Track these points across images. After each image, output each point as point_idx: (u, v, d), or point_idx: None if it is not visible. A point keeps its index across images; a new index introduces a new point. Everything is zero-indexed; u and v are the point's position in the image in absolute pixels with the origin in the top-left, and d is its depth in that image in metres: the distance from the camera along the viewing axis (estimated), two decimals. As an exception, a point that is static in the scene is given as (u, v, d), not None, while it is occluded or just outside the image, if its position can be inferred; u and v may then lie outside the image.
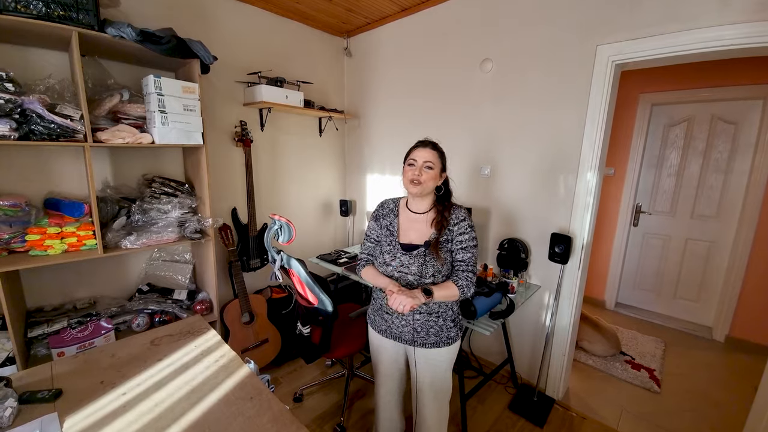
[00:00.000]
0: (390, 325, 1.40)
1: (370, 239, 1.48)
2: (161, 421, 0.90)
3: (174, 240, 1.84)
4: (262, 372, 1.23)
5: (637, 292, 3.39)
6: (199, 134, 1.83)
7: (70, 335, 1.65)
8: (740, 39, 1.43)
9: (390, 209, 1.44)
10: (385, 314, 1.41)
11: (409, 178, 1.30)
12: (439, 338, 1.34)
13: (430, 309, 1.33)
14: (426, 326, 1.33)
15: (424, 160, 1.28)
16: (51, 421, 0.92)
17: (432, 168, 1.28)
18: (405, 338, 1.37)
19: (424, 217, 1.36)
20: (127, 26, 1.49)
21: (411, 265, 1.29)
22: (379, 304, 1.45)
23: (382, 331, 1.44)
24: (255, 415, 0.93)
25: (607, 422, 1.98)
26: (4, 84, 1.37)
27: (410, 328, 1.35)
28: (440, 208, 1.33)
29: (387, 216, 1.43)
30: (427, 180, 1.28)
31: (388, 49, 2.72)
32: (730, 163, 2.82)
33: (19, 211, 1.59)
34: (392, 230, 1.38)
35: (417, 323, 1.34)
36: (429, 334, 1.34)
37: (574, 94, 1.86)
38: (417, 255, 1.29)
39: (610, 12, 1.70)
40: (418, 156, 1.30)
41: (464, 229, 1.30)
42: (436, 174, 1.30)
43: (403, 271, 1.31)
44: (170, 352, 1.21)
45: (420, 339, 1.35)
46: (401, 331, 1.37)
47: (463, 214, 1.33)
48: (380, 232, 1.43)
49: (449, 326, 1.36)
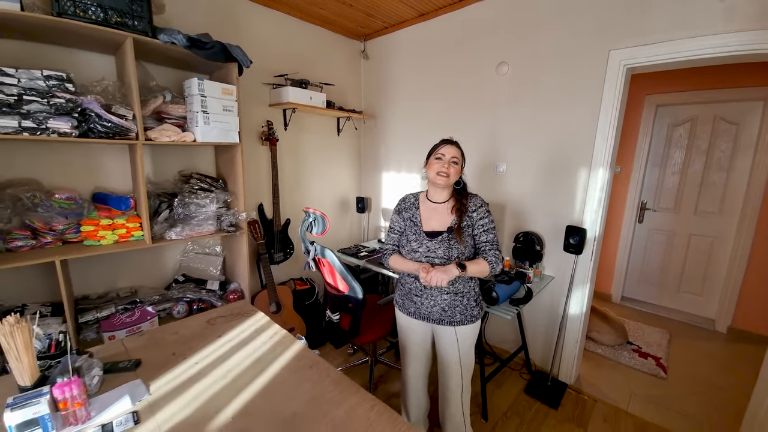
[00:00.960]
0: (419, 306, 1.52)
1: (395, 231, 1.62)
2: (236, 385, 1.03)
3: (212, 232, 1.96)
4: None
5: (643, 286, 3.51)
6: (236, 133, 1.96)
7: (119, 320, 1.77)
8: (743, 46, 1.54)
9: (411, 203, 1.59)
10: (414, 297, 1.53)
11: (436, 171, 1.43)
12: (464, 316, 1.48)
13: (455, 289, 1.46)
14: (452, 305, 1.47)
15: (451, 155, 1.43)
16: (137, 386, 1.04)
17: (457, 163, 1.44)
18: (433, 318, 1.50)
19: (444, 206, 1.50)
20: (178, 33, 1.61)
21: (437, 249, 1.43)
22: (408, 288, 1.56)
23: (410, 313, 1.56)
24: (317, 380, 1.05)
25: (617, 404, 2.10)
26: (65, 84, 1.48)
27: (438, 308, 1.48)
28: (458, 197, 1.48)
29: (409, 209, 1.57)
30: (453, 174, 1.44)
31: (404, 52, 2.85)
32: (732, 161, 2.94)
33: (73, 204, 1.71)
34: (415, 221, 1.52)
35: (444, 303, 1.47)
36: (455, 312, 1.47)
37: (588, 95, 1.98)
38: (441, 240, 1.43)
39: (622, 19, 1.82)
40: (446, 151, 1.44)
41: (483, 214, 1.46)
42: (459, 169, 1.46)
43: (430, 255, 1.44)
44: (227, 330, 1.33)
45: (447, 318, 1.48)
46: (430, 311, 1.50)
47: (480, 201, 1.49)
48: (404, 224, 1.57)
49: (472, 305, 1.49)
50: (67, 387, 0.85)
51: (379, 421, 0.90)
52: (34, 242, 1.58)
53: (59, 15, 1.36)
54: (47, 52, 1.66)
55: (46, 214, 1.62)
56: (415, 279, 1.50)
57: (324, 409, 0.94)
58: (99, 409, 0.93)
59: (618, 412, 2.04)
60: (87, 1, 1.43)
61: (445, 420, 1.67)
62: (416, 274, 1.43)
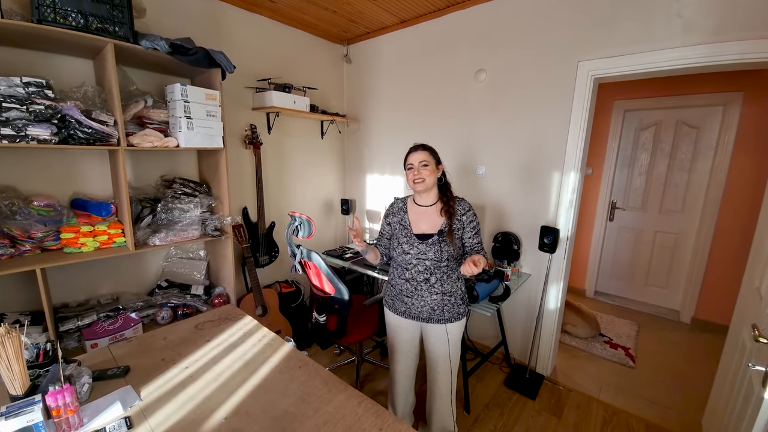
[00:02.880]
0: (410, 306, 1.58)
1: (384, 237, 1.69)
2: (227, 387, 1.06)
3: (197, 237, 1.96)
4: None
5: (614, 280, 3.71)
6: (220, 138, 1.96)
7: (102, 327, 1.75)
8: (701, 58, 1.68)
9: (399, 207, 1.64)
10: (405, 297, 1.59)
11: (411, 180, 1.51)
12: (452, 314, 1.56)
13: (444, 289, 1.53)
14: (441, 304, 1.54)
15: (419, 161, 1.49)
16: (127, 392, 1.06)
17: (428, 165, 1.49)
18: (423, 317, 1.57)
19: (432, 209, 1.56)
20: (160, 39, 1.61)
21: (428, 251, 1.49)
22: (399, 289, 1.62)
23: (401, 313, 1.63)
24: (306, 379, 1.09)
25: (590, 393, 2.24)
26: (44, 91, 1.46)
27: (428, 308, 1.55)
28: (445, 199, 1.54)
29: (397, 214, 1.63)
30: (427, 176, 1.48)
31: (386, 57, 2.91)
32: (693, 163, 3.15)
33: (51, 211, 1.68)
34: (405, 225, 1.58)
35: (434, 302, 1.54)
36: (444, 311, 1.55)
37: (559, 103, 2.10)
38: (432, 243, 1.49)
39: (589, 33, 1.94)
40: (413, 159, 1.50)
41: (472, 217, 1.55)
42: (432, 168, 1.50)
43: (421, 257, 1.51)
44: (215, 335, 1.36)
45: (437, 316, 1.56)
46: (420, 310, 1.57)
47: (468, 205, 1.57)
48: (391, 229, 1.64)
49: (459, 303, 1.58)
50: (60, 395, 0.87)
51: (366, 415, 0.96)
52: (13, 250, 1.55)
53: (39, 22, 1.35)
54: (24, 57, 1.63)
55: (24, 222, 1.59)
56: (406, 281, 1.56)
57: (314, 406, 0.99)
58: (91, 415, 0.95)
59: (590, 401, 2.17)
60: (67, 7, 1.41)
61: (432, 414, 1.74)
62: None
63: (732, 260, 2.93)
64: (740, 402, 1.39)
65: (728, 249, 2.96)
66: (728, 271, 2.95)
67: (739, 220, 2.87)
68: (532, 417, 2.04)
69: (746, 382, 1.35)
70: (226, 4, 2.31)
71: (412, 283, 1.55)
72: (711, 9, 1.62)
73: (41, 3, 1.36)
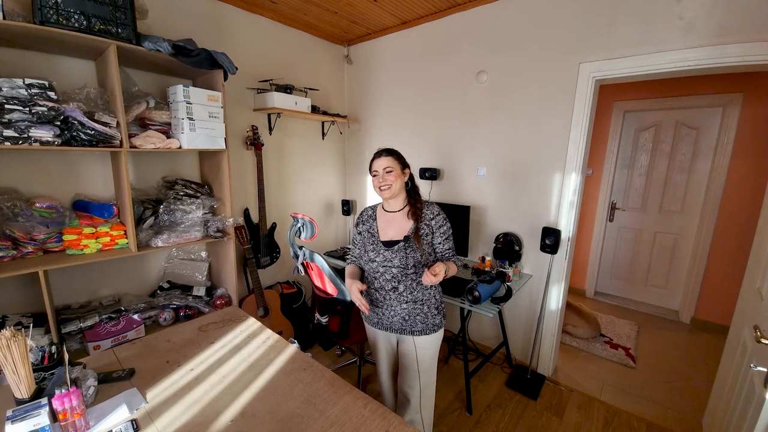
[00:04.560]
0: (381, 317, 1.53)
1: (356, 246, 1.62)
2: (233, 389, 1.06)
3: (199, 238, 1.96)
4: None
5: (613, 281, 3.72)
6: (222, 139, 1.96)
7: (104, 329, 1.75)
8: (701, 60, 1.68)
9: (369, 215, 1.59)
10: (375, 308, 1.53)
11: (377, 186, 1.45)
12: (425, 325, 1.48)
13: (415, 297, 1.46)
14: (413, 314, 1.46)
15: (383, 167, 1.43)
16: (133, 394, 1.06)
17: (392, 170, 1.43)
18: (395, 327, 1.51)
19: (400, 214, 1.50)
20: (163, 41, 1.61)
21: (393, 258, 1.44)
22: (370, 299, 1.55)
23: (374, 324, 1.57)
24: (312, 381, 1.10)
25: (591, 393, 2.24)
26: (47, 92, 1.46)
27: (399, 318, 1.48)
28: (412, 201, 1.49)
29: (367, 222, 1.57)
30: (393, 181, 1.43)
31: (387, 58, 2.91)
32: (693, 163, 3.16)
33: (54, 212, 1.68)
34: (373, 232, 1.52)
35: (404, 312, 1.47)
36: (416, 321, 1.47)
37: (560, 104, 2.10)
38: (398, 249, 1.43)
39: (590, 35, 1.95)
40: (377, 166, 1.45)
41: (442, 222, 1.47)
42: (398, 173, 1.44)
43: (387, 265, 1.45)
44: (219, 337, 1.36)
45: (408, 327, 1.48)
46: (391, 321, 1.50)
47: (438, 209, 1.49)
48: (361, 238, 1.57)
49: (434, 313, 1.49)
50: (66, 398, 0.87)
51: (372, 417, 0.96)
52: (15, 252, 1.55)
53: (42, 23, 1.34)
54: (27, 59, 1.62)
55: (26, 224, 1.59)
56: (375, 291, 1.51)
57: (320, 408, 0.99)
58: (97, 418, 0.95)
59: (592, 401, 2.18)
60: (70, 9, 1.41)
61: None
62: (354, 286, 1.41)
63: (731, 261, 2.94)
64: (741, 402, 1.40)
65: (727, 249, 2.97)
66: (728, 272, 2.96)
67: (739, 220, 2.89)
68: (533, 417, 2.04)
69: (747, 383, 1.36)
70: (228, 6, 2.31)
71: (381, 292, 1.49)
72: (712, 11, 1.63)
73: (44, 4, 1.35)
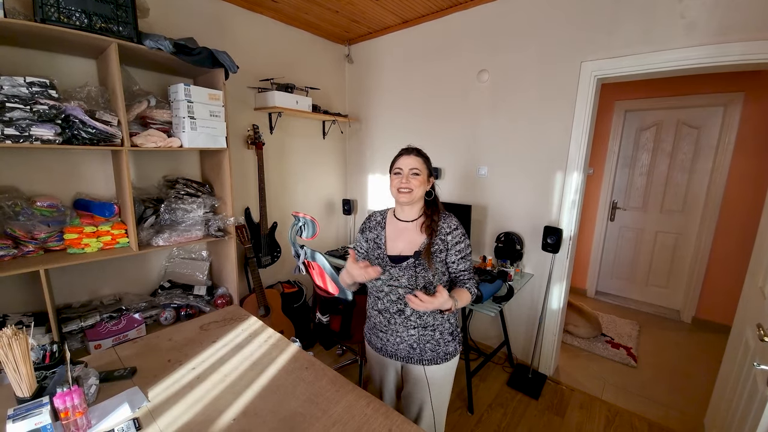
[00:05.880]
0: (385, 343, 1.32)
1: (360, 255, 1.40)
2: (235, 388, 1.06)
3: (200, 237, 1.96)
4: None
5: (615, 280, 3.72)
6: (223, 138, 1.96)
7: (105, 328, 1.75)
8: (703, 59, 1.68)
9: (377, 222, 1.37)
10: (379, 332, 1.33)
11: (396, 187, 1.25)
12: (436, 353, 1.27)
13: (425, 322, 1.25)
14: (422, 341, 1.26)
15: (410, 167, 1.23)
16: (135, 393, 1.05)
17: (419, 174, 1.23)
18: (401, 355, 1.30)
19: (413, 225, 1.29)
20: (164, 39, 1.61)
21: (401, 277, 1.22)
22: (372, 322, 1.37)
23: (377, 349, 1.37)
24: (314, 380, 1.09)
25: (592, 393, 2.24)
26: (48, 91, 1.46)
27: (405, 345, 1.27)
28: (429, 212, 1.28)
29: (374, 229, 1.36)
30: (416, 186, 1.23)
31: (388, 57, 2.91)
32: (694, 163, 3.16)
33: (54, 211, 1.68)
34: (379, 243, 1.31)
35: (412, 339, 1.26)
36: (425, 349, 1.27)
37: (562, 103, 2.10)
38: (407, 267, 1.22)
39: (592, 34, 1.95)
40: (403, 164, 1.25)
41: (460, 238, 1.25)
42: (423, 179, 1.25)
43: (393, 284, 1.24)
44: (221, 336, 1.35)
45: (416, 356, 1.28)
46: (397, 348, 1.30)
47: (456, 222, 1.27)
48: (367, 245, 1.37)
49: (447, 340, 1.28)
50: (68, 396, 0.86)
51: (375, 416, 0.96)
52: (16, 251, 1.54)
53: (43, 21, 1.34)
54: (28, 57, 1.62)
55: (27, 223, 1.58)
56: (379, 313, 1.31)
57: (323, 406, 0.99)
58: (99, 417, 0.94)
59: (593, 400, 2.18)
60: (71, 7, 1.41)
61: None
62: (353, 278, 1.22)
63: (733, 260, 2.94)
64: (744, 401, 1.39)
65: (729, 248, 2.97)
66: (729, 271, 2.96)
67: (740, 219, 2.88)
68: (535, 417, 2.04)
69: (750, 382, 1.35)
70: (229, 4, 2.31)
71: (385, 315, 1.28)
72: (714, 10, 1.62)
73: (45, 2, 1.35)
